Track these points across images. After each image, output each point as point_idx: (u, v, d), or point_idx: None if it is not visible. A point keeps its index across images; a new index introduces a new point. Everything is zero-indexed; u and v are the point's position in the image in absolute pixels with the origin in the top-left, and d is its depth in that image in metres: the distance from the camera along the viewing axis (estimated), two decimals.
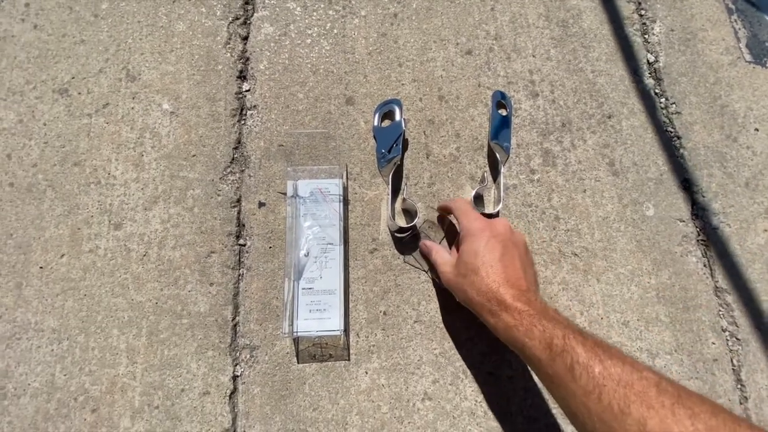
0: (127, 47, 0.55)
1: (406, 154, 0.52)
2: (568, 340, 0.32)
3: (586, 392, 0.29)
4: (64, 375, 0.44)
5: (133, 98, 0.53)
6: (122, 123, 0.52)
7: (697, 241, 0.51)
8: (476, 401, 0.45)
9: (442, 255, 0.44)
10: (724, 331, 0.49)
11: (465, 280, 0.39)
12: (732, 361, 0.48)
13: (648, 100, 0.56)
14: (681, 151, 0.55)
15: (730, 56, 0.59)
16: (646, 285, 0.49)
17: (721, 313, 0.49)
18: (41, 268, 0.47)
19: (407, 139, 0.53)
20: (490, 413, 0.45)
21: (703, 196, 0.53)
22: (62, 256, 0.47)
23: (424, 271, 0.48)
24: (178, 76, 0.54)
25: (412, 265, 0.48)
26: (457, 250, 0.42)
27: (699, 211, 0.53)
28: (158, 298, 0.47)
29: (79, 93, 0.53)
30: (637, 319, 0.48)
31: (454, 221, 0.47)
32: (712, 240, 0.52)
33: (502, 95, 0.53)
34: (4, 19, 0.56)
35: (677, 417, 0.26)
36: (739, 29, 0.61)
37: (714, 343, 0.48)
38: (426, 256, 0.47)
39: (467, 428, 0.44)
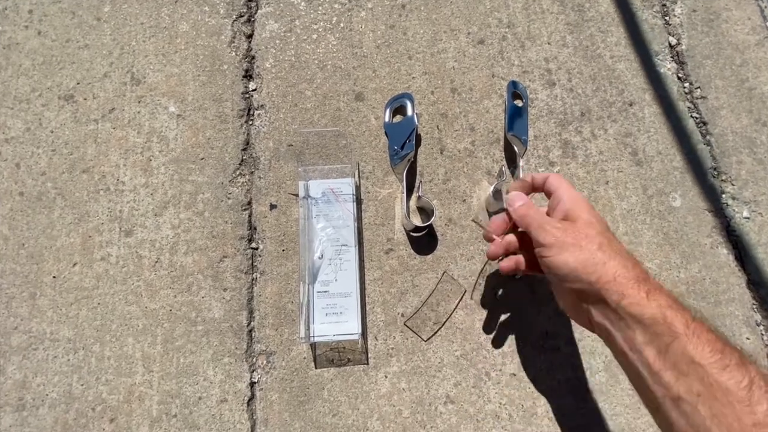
0: (131, 50, 0.54)
1: (419, 150, 0.51)
2: (744, 354, 0.26)
3: (760, 423, 0.23)
4: (81, 385, 0.44)
5: (139, 102, 0.52)
6: (129, 128, 0.51)
7: (728, 232, 0.49)
8: (500, 404, 0.43)
9: (538, 209, 0.36)
10: (758, 325, 0.46)
11: (594, 239, 0.31)
12: None
13: (671, 85, 0.54)
14: (708, 137, 0.52)
15: (757, 36, 0.56)
16: (675, 279, 0.47)
17: (754, 306, 0.47)
18: (54, 277, 0.47)
19: (420, 134, 0.51)
20: (514, 416, 0.43)
21: (733, 185, 0.51)
22: (74, 264, 0.47)
23: (443, 272, 0.47)
24: (183, 78, 0.53)
25: (479, 224, 0.45)
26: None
27: (728, 201, 0.50)
28: (172, 305, 0.46)
29: (85, 99, 0.52)
30: None
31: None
32: (743, 230, 0.49)
33: (518, 85, 0.51)
34: (8, 26, 0.55)
35: None
36: (766, 7, 0.58)
37: (748, 339, 0.46)
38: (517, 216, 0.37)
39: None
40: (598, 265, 0.31)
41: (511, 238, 0.39)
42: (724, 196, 0.50)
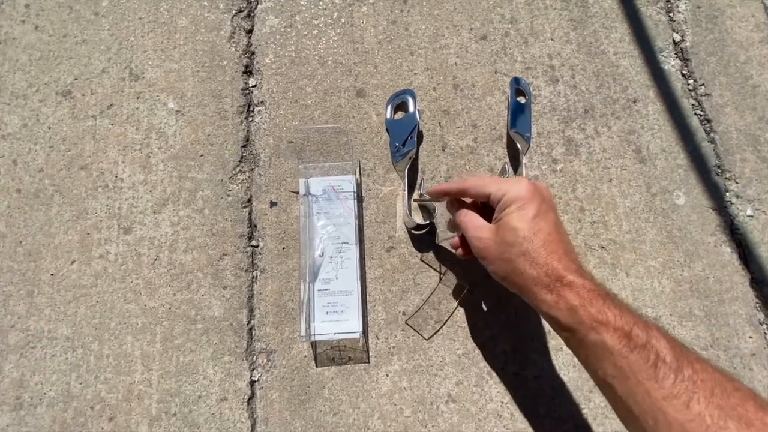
0: (129, 45, 0.53)
1: (421, 146, 0.50)
2: (651, 332, 0.28)
3: (668, 396, 0.25)
4: (80, 383, 0.43)
5: (138, 98, 0.51)
6: (127, 124, 0.51)
7: (732, 230, 0.49)
8: (502, 403, 0.43)
9: (475, 219, 0.37)
10: (761, 324, 0.46)
11: (513, 249, 0.33)
12: None
13: (675, 82, 0.53)
14: (712, 135, 0.52)
15: (761, 33, 0.56)
16: (679, 278, 0.47)
17: (758, 305, 0.47)
18: (52, 275, 0.46)
19: (421, 131, 0.51)
20: (516, 415, 0.43)
21: (737, 183, 0.50)
22: (73, 262, 0.46)
23: (439, 273, 0.46)
24: (182, 74, 0.52)
25: (429, 265, 0.46)
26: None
27: (732, 199, 0.50)
28: (171, 303, 0.45)
29: (83, 94, 0.52)
30: (670, 314, 0.46)
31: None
32: (747, 229, 0.49)
33: (520, 82, 0.51)
34: (4, 21, 0.54)
35: None
36: None
37: (751, 337, 0.46)
38: (453, 224, 0.40)
39: (493, 431, 0.42)
40: (518, 276, 0.33)
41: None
42: (727, 194, 0.50)
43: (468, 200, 0.40)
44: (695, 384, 0.25)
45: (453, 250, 0.42)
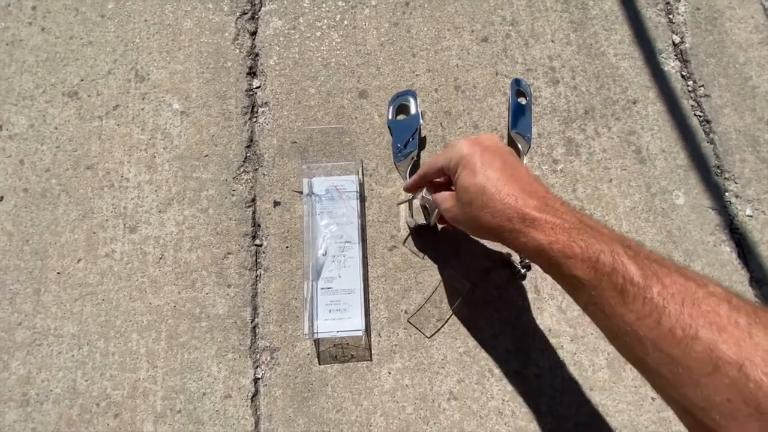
0: (135, 47, 0.54)
1: (423, 147, 0.51)
2: (617, 255, 0.27)
3: (640, 317, 0.25)
4: (86, 380, 0.44)
5: (143, 99, 0.52)
6: (133, 124, 0.51)
7: (731, 230, 0.49)
8: (503, 400, 0.44)
9: (441, 194, 0.38)
10: None
11: (473, 206, 0.33)
12: None
13: (675, 83, 0.54)
14: (711, 135, 0.52)
15: (760, 35, 0.56)
16: None
17: (757, 304, 0.47)
18: (58, 273, 0.47)
19: (423, 131, 0.51)
20: (518, 412, 0.43)
21: (736, 183, 0.51)
22: (79, 261, 0.47)
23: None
24: (187, 75, 0.53)
25: (411, 251, 0.48)
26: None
27: (731, 199, 0.50)
28: (176, 302, 0.46)
29: (89, 95, 0.52)
30: None
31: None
32: (747, 228, 0.49)
33: (521, 83, 0.51)
34: (11, 23, 0.55)
35: (755, 339, 0.22)
36: None
37: None
38: (429, 204, 0.42)
39: (495, 428, 0.43)
40: (487, 229, 0.33)
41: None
42: (727, 194, 0.50)
43: (441, 182, 0.40)
44: (665, 299, 0.24)
45: (439, 226, 0.45)
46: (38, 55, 0.54)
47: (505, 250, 0.48)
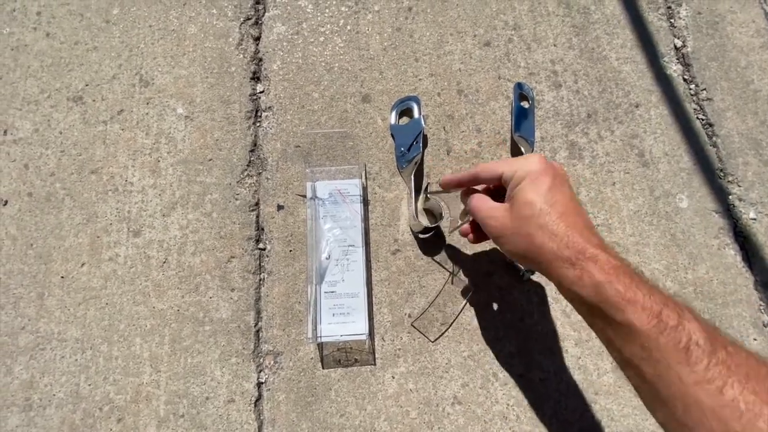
0: (140, 52, 0.54)
1: (426, 150, 0.51)
2: (683, 312, 0.26)
3: (701, 381, 0.24)
4: (89, 385, 0.44)
5: (148, 103, 0.52)
6: (137, 129, 0.52)
7: (735, 233, 0.49)
8: (508, 405, 0.43)
9: (487, 200, 0.36)
10: (765, 326, 0.46)
11: (530, 223, 0.31)
12: None
13: (677, 86, 0.54)
14: (714, 139, 0.52)
15: (762, 38, 0.56)
16: (683, 280, 0.47)
17: (762, 308, 0.47)
18: (62, 277, 0.47)
19: (426, 135, 0.51)
20: (522, 417, 0.43)
21: (739, 186, 0.51)
22: (83, 265, 0.47)
23: (450, 273, 0.47)
24: (191, 80, 0.53)
25: (440, 264, 0.47)
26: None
27: (735, 202, 0.50)
28: (180, 306, 0.46)
29: (94, 100, 0.53)
30: None
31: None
32: (751, 232, 0.49)
33: (524, 87, 0.51)
34: (16, 28, 0.55)
35: None
36: None
37: (756, 340, 0.46)
38: (464, 213, 0.40)
39: None
40: (537, 250, 0.31)
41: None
42: (730, 197, 0.50)
43: (480, 188, 0.40)
44: (729, 369, 0.24)
45: (464, 236, 0.42)
46: (43, 60, 0.54)
47: None
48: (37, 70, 0.54)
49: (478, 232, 0.40)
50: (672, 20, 0.57)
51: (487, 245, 0.47)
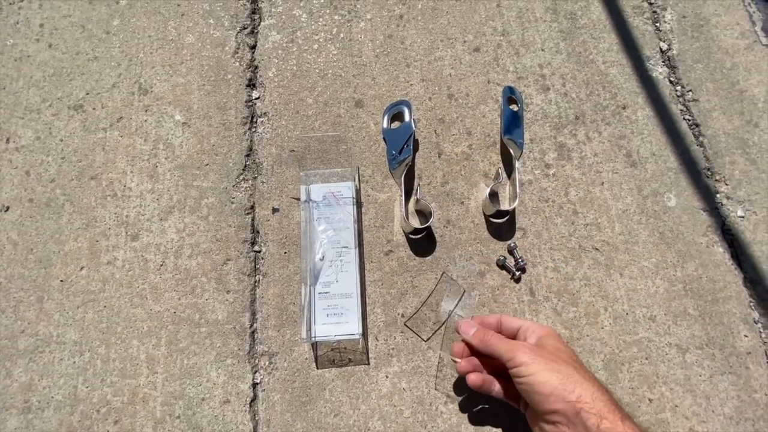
0: (139, 61, 0.56)
1: (417, 154, 0.52)
2: None
3: None
4: (87, 387, 0.44)
5: (146, 111, 0.54)
6: (136, 135, 0.53)
7: (723, 231, 0.50)
8: (500, 404, 0.44)
9: (520, 346, 0.36)
10: (756, 322, 0.47)
11: (567, 367, 0.34)
12: (766, 353, 0.46)
13: (663, 88, 0.55)
14: (701, 138, 0.53)
15: (746, 40, 0.58)
16: (672, 278, 0.48)
17: (752, 304, 0.47)
18: (62, 281, 0.48)
19: (417, 139, 0.52)
20: (515, 415, 0.43)
21: (727, 184, 0.51)
22: (82, 268, 0.48)
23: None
24: (189, 87, 0.55)
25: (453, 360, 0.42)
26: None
27: (723, 200, 0.51)
28: (176, 308, 0.47)
29: (94, 108, 0.54)
30: (665, 314, 0.47)
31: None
32: (738, 229, 0.50)
33: (513, 91, 0.52)
34: (20, 40, 0.57)
35: None
36: (754, 12, 0.60)
37: (746, 336, 0.46)
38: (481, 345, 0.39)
39: (492, 431, 0.43)
40: (577, 384, 0.32)
41: (474, 359, 0.40)
42: (718, 195, 0.51)
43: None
44: None
45: (456, 360, 0.41)
46: (45, 70, 0.56)
47: (500, 253, 0.48)
48: (39, 79, 0.55)
49: (504, 382, 0.40)
50: (657, 24, 0.59)
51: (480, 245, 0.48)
